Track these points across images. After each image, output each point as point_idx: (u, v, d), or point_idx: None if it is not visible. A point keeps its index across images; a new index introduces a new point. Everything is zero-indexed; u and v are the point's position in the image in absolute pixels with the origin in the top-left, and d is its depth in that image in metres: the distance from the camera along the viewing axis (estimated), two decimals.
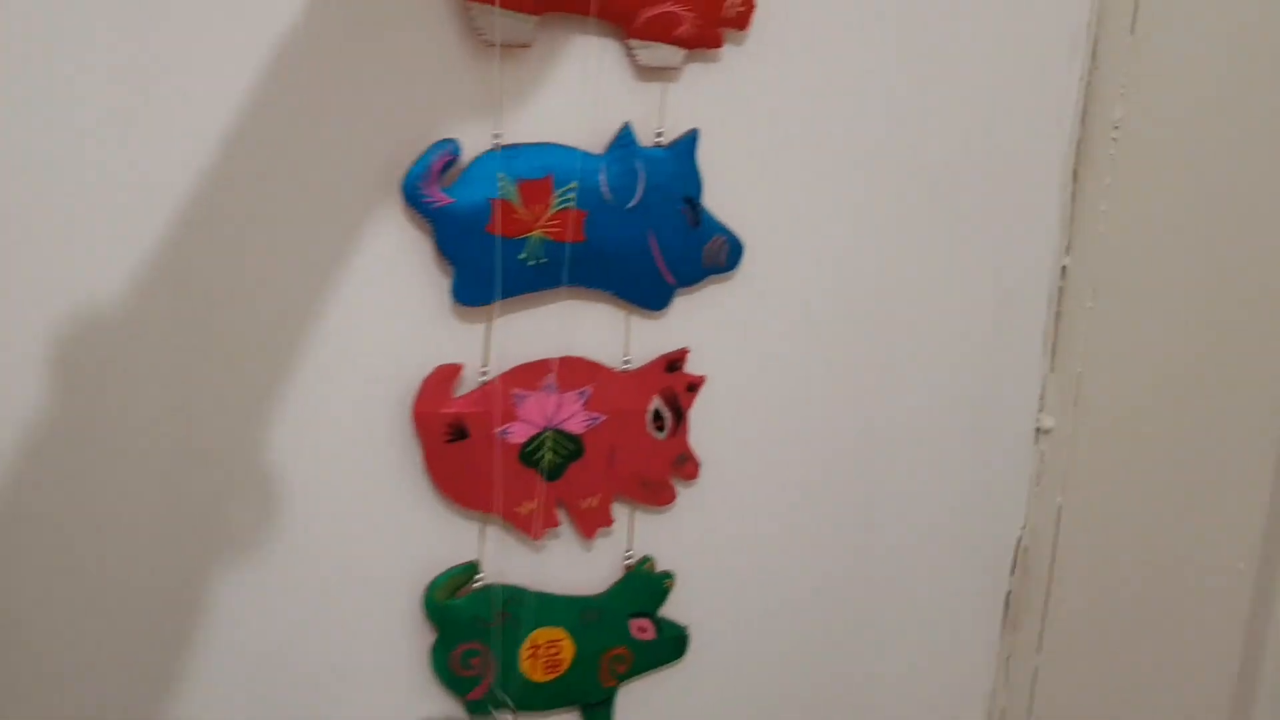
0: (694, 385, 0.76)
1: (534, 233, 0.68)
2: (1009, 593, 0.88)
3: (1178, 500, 0.82)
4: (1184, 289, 0.82)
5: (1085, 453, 0.85)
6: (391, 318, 0.69)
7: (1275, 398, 0.81)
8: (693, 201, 0.72)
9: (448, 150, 0.66)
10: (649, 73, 0.70)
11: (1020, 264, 0.83)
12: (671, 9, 0.69)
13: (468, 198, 0.67)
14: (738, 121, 0.74)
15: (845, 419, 0.82)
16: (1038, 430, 0.85)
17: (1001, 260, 0.82)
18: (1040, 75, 0.80)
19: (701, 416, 0.77)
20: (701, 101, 0.72)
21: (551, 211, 0.69)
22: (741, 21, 0.71)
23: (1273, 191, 0.80)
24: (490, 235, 0.68)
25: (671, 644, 0.80)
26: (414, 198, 0.66)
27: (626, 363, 0.74)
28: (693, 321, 0.76)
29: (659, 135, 0.71)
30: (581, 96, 0.70)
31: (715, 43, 0.71)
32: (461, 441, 0.71)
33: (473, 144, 0.67)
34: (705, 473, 0.78)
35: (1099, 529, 0.85)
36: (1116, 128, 0.80)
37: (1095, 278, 0.82)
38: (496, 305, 0.70)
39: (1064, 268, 0.83)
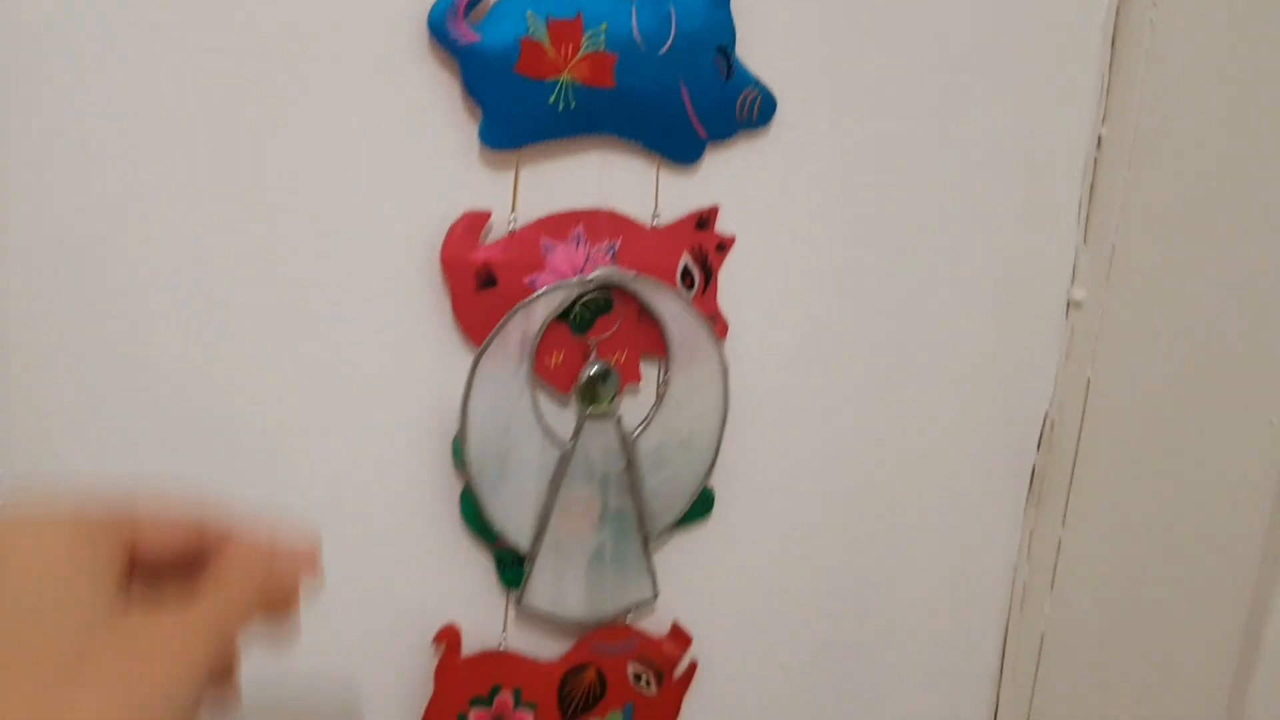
0: (724, 245, 0.75)
1: (563, 75, 0.67)
2: (1034, 467, 0.88)
3: (1211, 375, 0.81)
4: (1225, 162, 0.79)
5: (1116, 326, 0.83)
6: (420, 161, 0.68)
7: None
8: (726, 51, 0.71)
9: None
10: None
11: (1055, 135, 0.81)
12: None
13: (495, 36, 0.65)
14: None
15: (872, 288, 0.81)
16: (1069, 303, 0.84)
17: (1035, 131, 0.81)
18: None
19: (728, 279, 0.76)
20: None
21: (581, 54, 0.67)
22: None
23: None
24: (519, 76, 0.66)
25: (700, 503, 0.79)
26: (441, 32, 0.65)
27: (656, 218, 0.73)
28: (723, 178, 0.74)
29: None
30: None
31: None
32: (490, 289, 0.70)
33: None
34: (730, 336, 0.77)
35: (1127, 404, 0.84)
36: None
37: (1131, 148, 0.80)
38: (524, 151, 0.69)
39: (1100, 138, 0.81)
